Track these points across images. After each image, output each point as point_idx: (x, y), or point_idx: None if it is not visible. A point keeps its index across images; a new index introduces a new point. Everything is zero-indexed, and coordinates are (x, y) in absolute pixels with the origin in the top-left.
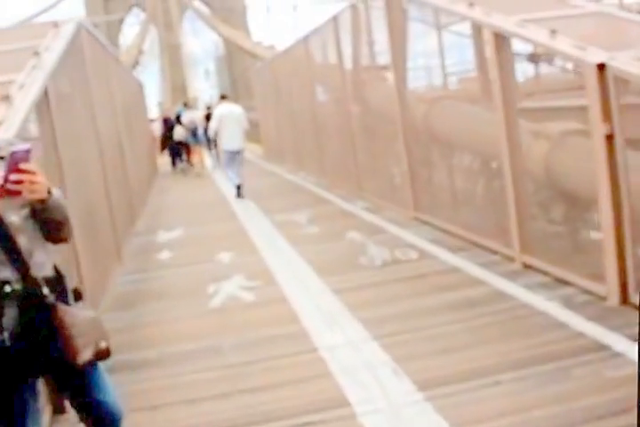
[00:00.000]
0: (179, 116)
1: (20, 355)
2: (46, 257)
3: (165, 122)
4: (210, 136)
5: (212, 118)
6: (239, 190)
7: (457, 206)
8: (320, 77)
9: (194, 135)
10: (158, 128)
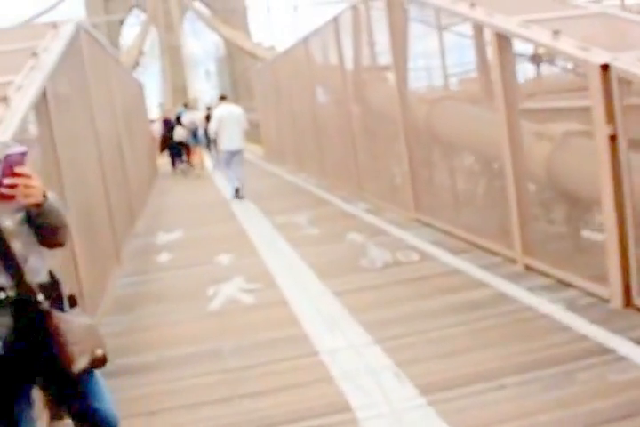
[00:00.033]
0: (179, 116)
1: (15, 363)
2: (41, 263)
3: (165, 123)
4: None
5: (212, 119)
6: (237, 193)
7: (458, 208)
8: (321, 78)
9: (194, 136)
10: (158, 129)
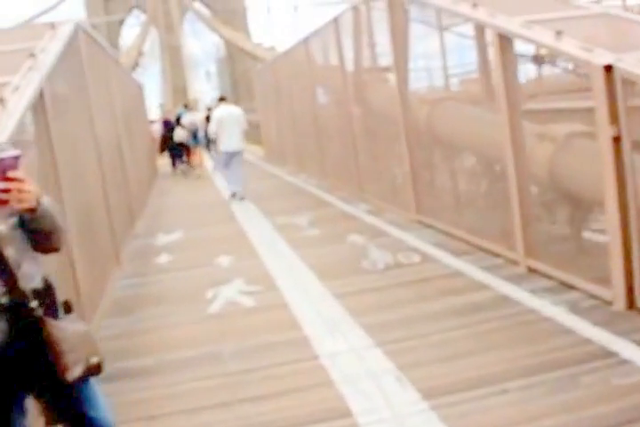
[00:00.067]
0: (179, 117)
1: (8, 370)
2: (35, 268)
3: (165, 123)
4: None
5: (212, 121)
6: (233, 196)
7: (460, 209)
8: (321, 79)
9: (194, 137)
10: (158, 129)
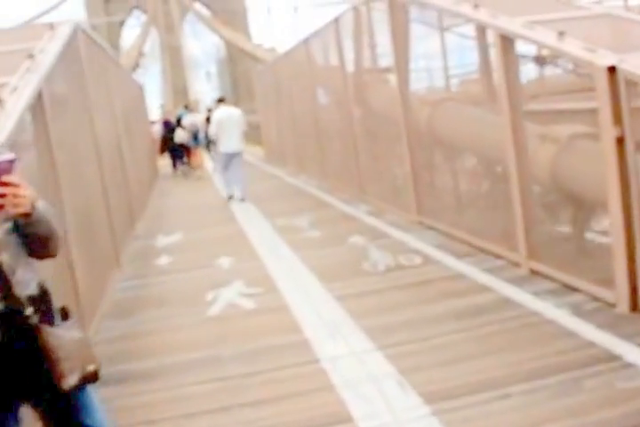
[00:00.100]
0: (180, 118)
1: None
2: (31, 274)
3: (165, 124)
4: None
5: (212, 122)
6: (230, 199)
7: (461, 210)
8: (322, 80)
9: (195, 138)
10: (158, 130)
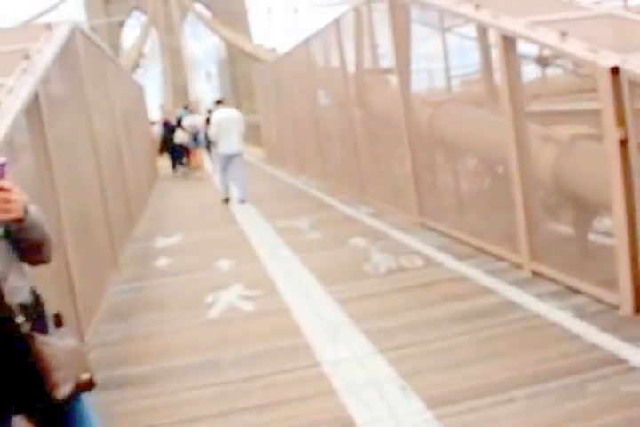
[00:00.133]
0: (180, 119)
1: None
2: (22, 281)
3: (165, 125)
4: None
5: (211, 124)
6: (226, 201)
7: (463, 212)
8: (322, 80)
9: (195, 139)
10: (158, 131)
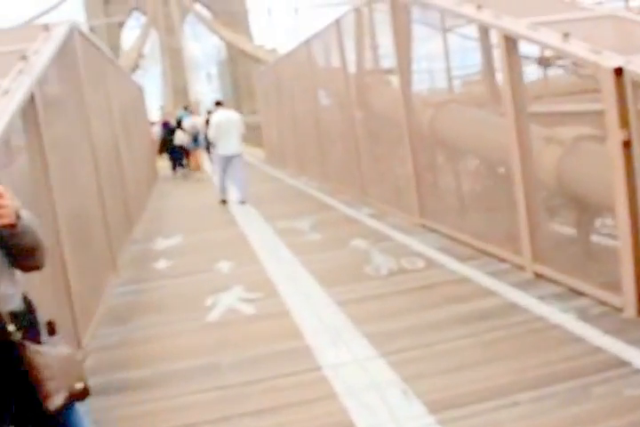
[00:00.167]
0: (179, 120)
1: None
2: (14, 289)
3: (165, 125)
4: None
5: (210, 125)
6: (223, 203)
7: (464, 213)
8: (323, 81)
9: (195, 140)
10: (158, 131)
